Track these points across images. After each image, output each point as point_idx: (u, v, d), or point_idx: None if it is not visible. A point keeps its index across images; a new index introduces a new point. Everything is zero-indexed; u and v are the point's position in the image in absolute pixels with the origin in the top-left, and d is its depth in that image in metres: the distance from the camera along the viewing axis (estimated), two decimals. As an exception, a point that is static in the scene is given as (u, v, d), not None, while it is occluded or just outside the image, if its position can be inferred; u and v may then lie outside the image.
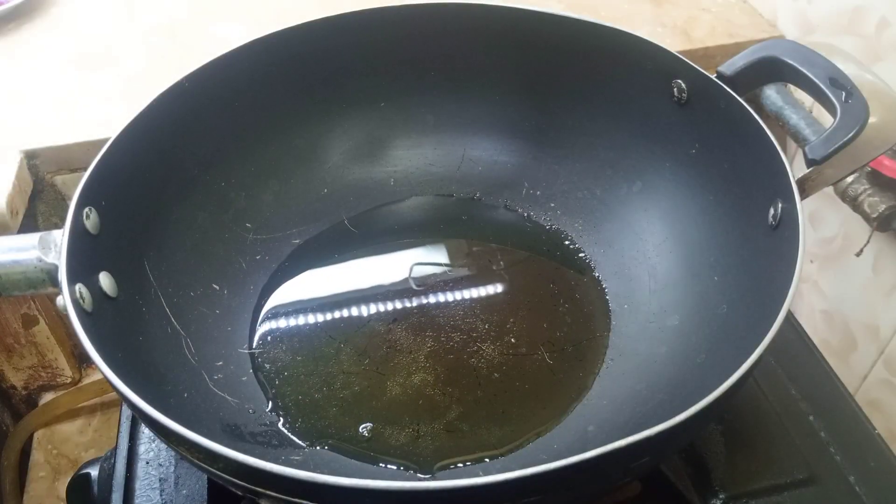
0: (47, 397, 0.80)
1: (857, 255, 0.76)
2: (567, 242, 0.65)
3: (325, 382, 0.55)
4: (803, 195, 0.47)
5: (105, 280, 0.47)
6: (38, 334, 0.76)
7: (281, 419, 0.53)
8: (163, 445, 0.54)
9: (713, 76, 0.54)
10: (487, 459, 0.51)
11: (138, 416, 0.45)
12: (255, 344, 0.58)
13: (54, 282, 0.46)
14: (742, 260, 0.52)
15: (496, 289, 0.62)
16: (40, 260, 0.46)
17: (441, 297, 0.61)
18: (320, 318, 0.60)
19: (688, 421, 0.36)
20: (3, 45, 0.83)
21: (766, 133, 0.49)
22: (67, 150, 0.70)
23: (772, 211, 0.48)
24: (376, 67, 0.65)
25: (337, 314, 0.60)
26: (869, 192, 0.68)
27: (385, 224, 0.67)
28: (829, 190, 0.70)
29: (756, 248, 0.50)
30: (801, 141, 0.60)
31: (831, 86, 0.47)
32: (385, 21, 0.63)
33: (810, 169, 0.47)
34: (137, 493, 0.52)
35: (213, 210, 0.60)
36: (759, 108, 0.60)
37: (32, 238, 0.46)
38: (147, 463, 0.54)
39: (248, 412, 0.53)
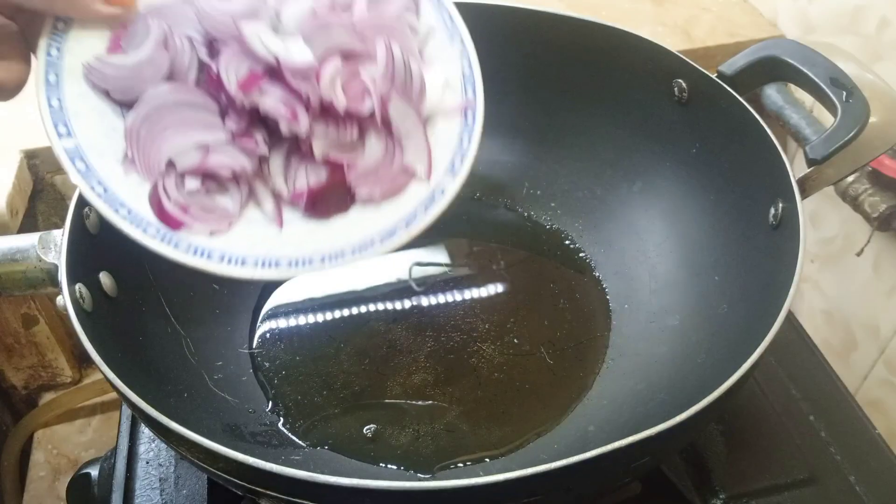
0: (47, 397, 0.80)
1: (858, 254, 0.76)
2: (567, 242, 0.65)
3: (326, 382, 0.55)
4: (804, 195, 0.47)
5: (105, 280, 0.47)
6: (38, 334, 0.76)
7: (281, 419, 0.53)
8: (163, 445, 0.54)
9: (714, 76, 0.54)
10: (487, 459, 0.51)
11: (138, 416, 0.45)
12: (255, 344, 0.58)
13: (54, 282, 0.46)
14: (742, 260, 0.52)
15: (496, 289, 0.62)
16: (40, 260, 0.46)
17: (441, 297, 0.61)
18: (320, 318, 0.60)
19: (688, 421, 0.36)
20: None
21: (766, 132, 0.49)
22: (67, 150, 0.70)
23: (772, 210, 0.48)
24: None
25: (337, 314, 0.60)
26: (869, 191, 0.68)
27: (385, 224, 0.67)
28: (830, 190, 0.70)
29: (757, 247, 0.50)
30: (801, 140, 0.60)
31: (832, 85, 0.47)
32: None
33: (811, 168, 0.47)
34: (137, 493, 0.52)
35: (213, 210, 0.60)
36: (760, 108, 0.60)
37: (32, 238, 0.46)
38: (147, 463, 0.54)
39: (248, 412, 0.53)
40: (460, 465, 0.50)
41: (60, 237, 0.45)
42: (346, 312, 0.60)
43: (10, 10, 0.38)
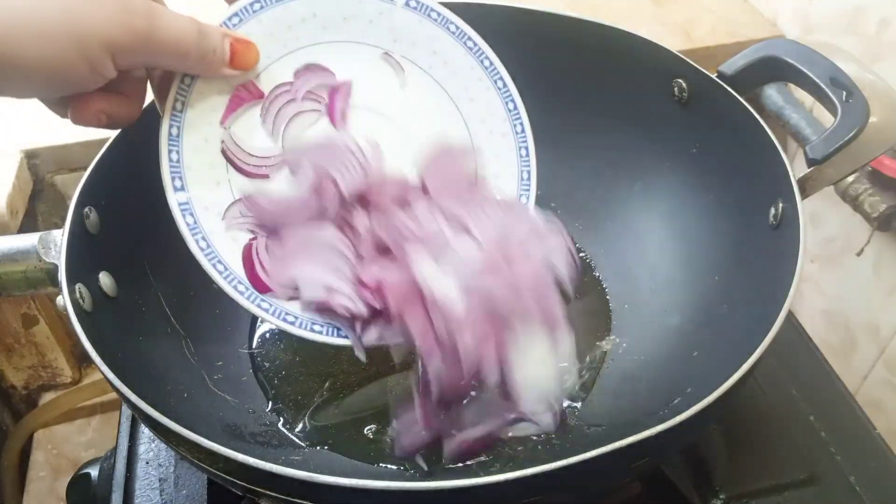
0: (47, 397, 0.80)
1: (858, 254, 0.76)
2: (567, 242, 0.65)
3: (326, 382, 0.55)
4: (804, 195, 0.47)
5: (105, 280, 0.47)
6: (38, 334, 0.76)
7: (281, 419, 0.53)
8: (163, 445, 0.54)
9: (714, 76, 0.54)
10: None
11: (138, 416, 0.44)
12: (254, 344, 0.58)
13: (54, 282, 0.46)
14: (743, 260, 0.52)
15: (496, 288, 0.62)
16: (40, 260, 0.46)
17: (441, 297, 0.61)
18: (320, 317, 0.60)
19: (688, 421, 0.36)
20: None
21: (766, 132, 0.49)
22: (67, 150, 0.70)
23: (772, 210, 0.48)
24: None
25: (337, 314, 0.60)
26: (869, 191, 0.68)
27: (385, 224, 0.67)
28: (830, 190, 0.70)
29: (757, 247, 0.50)
30: (801, 140, 0.60)
31: (832, 85, 0.47)
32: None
33: (811, 168, 0.47)
34: (137, 493, 0.52)
35: (213, 210, 0.60)
36: (760, 108, 0.60)
37: (32, 238, 0.46)
38: (147, 463, 0.54)
39: (248, 412, 0.53)
40: (460, 464, 0.50)
41: (60, 237, 0.45)
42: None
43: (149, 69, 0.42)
